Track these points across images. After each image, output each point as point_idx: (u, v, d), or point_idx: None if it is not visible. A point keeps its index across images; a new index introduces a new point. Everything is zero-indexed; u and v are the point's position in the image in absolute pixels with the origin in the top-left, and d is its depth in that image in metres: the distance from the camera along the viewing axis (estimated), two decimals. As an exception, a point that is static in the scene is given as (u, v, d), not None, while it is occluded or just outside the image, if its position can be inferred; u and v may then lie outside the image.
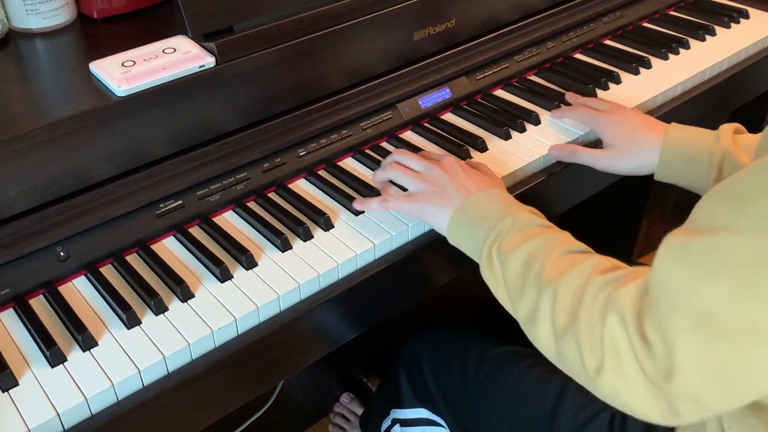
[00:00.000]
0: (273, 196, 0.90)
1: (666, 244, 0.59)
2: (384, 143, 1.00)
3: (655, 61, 1.17)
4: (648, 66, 1.16)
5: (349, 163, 0.95)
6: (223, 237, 0.82)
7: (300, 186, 0.92)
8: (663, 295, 0.57)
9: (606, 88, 1.11)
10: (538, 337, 0.69)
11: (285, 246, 0.82)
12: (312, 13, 0.90)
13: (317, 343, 0.82)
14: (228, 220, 0.87)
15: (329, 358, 0.87)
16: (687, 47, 1.21)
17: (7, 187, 0.73)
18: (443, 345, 1.01)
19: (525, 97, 1.09)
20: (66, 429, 0.66)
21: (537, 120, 1.03)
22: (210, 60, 0.83)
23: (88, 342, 0.71)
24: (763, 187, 0.53)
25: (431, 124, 1.03)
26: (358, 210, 0.87)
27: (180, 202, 0.84)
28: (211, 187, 0.86)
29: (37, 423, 0.64)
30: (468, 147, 0.97)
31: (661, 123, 0.94)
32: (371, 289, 0.83)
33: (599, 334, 0.62)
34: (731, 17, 1.28)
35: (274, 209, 0.87)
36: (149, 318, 0.74)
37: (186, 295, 0.76)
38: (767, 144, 0.60)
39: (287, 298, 0.77)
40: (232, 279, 0.78)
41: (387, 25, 0.97)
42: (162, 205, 0.83)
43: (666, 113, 1.09)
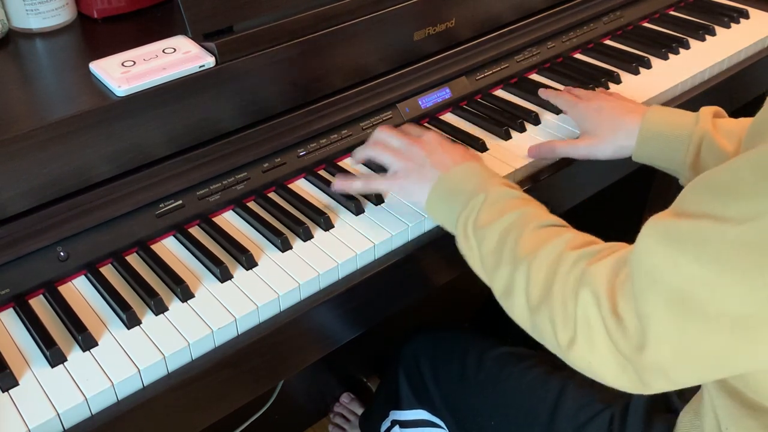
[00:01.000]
0: (273, 196, 0.90)
1: (650, 224, 0.59)
2: (384, 143, 0.99)
3: (655, 61, 1.17)
4: (648, 66, 1.16)
5: (349, 164, 0.95)
6: (223, 237, 0.82)
7: (300, 186, 0.92)
8: (643, 272, 0.58)
9: (606, 88, 1.11)
10: (513, 311, 0.71)
11: (285, 246, 0.82)
12: (312, 13, 0.90)
13: (317, 343, 0.82)
14: (228, 220, 0.87)
15: (329, 358, 0.87)
16: (687, 47, 1.21)
17: (7, 187, 0.73)
18: (443, 345, 1.01)
19: (525, 97, 1.09)
20: (66, 429, 0.66)
21: (537, 120, 1.03)
22: (210, 60, 0.83)
23: (88, 342, 0.71)
24: (753, 181, 0.52)
25: (431, 124, 1.03)
26: (337, 190, 0.87)
27: (180, 202, 0.84)
28: (211, 187, 0.86)
29: (37, 423, 0.64)
30: (468, 147, 0.97)
31: (642, 105, 0.94)
32: (371, 289, 0.83)
33: (572, 309, 0.63)
34: (731, 17, 1.28)
35: (274, 209, 0.87)
36: (149, 318, 0.74)
37: (186, 295, 0.76)
38: (762, 130, 0.59)
39: (287, 298, 0.77)
40: (232, 279, 0.78)
41: (387, 25, 0.97)
42: (162, 205, 0.83)
43: (666, 113, 1.09)
